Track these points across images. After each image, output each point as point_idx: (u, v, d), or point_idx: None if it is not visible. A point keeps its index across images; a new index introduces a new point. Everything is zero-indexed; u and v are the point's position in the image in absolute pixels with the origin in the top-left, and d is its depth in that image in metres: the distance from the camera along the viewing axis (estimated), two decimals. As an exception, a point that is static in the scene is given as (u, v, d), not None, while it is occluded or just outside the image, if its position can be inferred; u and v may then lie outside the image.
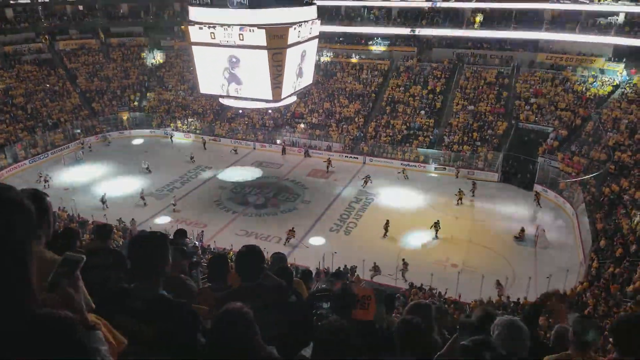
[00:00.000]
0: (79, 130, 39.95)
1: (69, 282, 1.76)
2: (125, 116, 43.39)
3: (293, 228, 26.09)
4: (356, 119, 39.66)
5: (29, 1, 43.54)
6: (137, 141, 41.76)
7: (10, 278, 1.26)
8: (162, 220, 27.63)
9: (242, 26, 14.97)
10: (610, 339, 3.10)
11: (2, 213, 1.25)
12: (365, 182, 32.09)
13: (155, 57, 48.23)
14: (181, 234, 7.38)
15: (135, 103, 44.86)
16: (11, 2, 42.74)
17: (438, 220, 26.18)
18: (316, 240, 26.37)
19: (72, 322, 1.31)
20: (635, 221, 22.74)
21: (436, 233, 26.05)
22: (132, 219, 26.28)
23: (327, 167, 35.22)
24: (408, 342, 3.08)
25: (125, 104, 44.46)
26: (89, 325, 1.82)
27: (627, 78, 34.52)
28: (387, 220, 26.48)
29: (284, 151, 38.95)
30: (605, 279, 20.01)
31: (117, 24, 49.10)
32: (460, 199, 29.77)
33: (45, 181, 31.43)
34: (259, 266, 3.73)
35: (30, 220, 1.31)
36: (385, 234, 26.26)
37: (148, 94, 45.89)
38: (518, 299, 19.50)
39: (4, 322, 1.20)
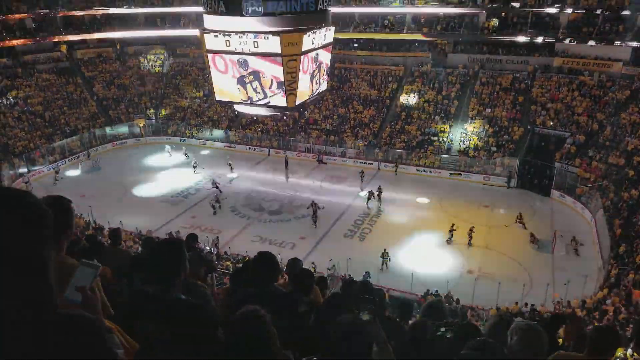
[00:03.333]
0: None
1: (90, 287, 1.80)
2: (141, 123, 43.83)
3: None
4: (371, 125, 39.61)
5: (48, 11, 44.25)
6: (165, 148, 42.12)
7: (33, 280, 1.29)
8: (177, 226, 27.78)
9: (256, 33, 15.05)
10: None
11: (24, 216, 1.29)
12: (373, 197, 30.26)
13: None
14: (192, 238, 7.51)
15: (152, 110, 45.31)
16: (30, 11, 43.43)
17: (453, 224, 26.14)
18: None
19: (97, 323, 1.34)
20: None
21: (450, 236, 25.99)
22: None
23: (313, 218, 28.75)
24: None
25: (141, 112, 44.94)
26: (106, 328, 1.84)
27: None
28: (453, 224, 26.24)
29: (286, 164, 36.93)
30: (625, 286, 19.67)
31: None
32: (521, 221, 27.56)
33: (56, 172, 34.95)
34: (274, 273, 3.77)
35: (49, 224, 1.34)
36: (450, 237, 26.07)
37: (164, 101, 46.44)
38: (533, 305, 19.24)
39: (29, 323, 1.22)
